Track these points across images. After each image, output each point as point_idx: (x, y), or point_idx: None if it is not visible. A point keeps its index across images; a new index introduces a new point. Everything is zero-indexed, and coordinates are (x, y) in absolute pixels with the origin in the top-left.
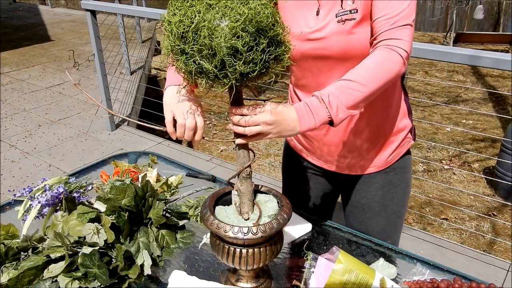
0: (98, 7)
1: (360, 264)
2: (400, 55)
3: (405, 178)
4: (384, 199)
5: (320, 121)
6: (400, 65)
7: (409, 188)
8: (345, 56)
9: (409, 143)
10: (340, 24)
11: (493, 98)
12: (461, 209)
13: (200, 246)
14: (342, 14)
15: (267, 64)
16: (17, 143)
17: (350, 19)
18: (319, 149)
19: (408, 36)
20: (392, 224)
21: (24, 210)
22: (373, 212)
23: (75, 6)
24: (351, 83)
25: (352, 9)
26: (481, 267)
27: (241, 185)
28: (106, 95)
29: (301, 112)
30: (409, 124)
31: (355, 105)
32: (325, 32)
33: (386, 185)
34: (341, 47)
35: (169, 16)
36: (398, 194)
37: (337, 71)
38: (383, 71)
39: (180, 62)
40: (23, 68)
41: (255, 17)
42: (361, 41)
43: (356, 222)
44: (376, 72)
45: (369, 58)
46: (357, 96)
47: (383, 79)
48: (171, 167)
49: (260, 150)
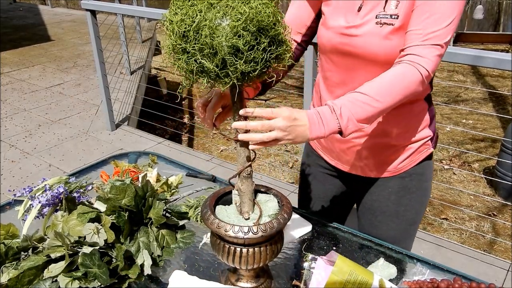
0: (98, 7)
1: (359, 266)
2: (421, 74)
3: (423, 186)
4: (397, 205)
5: (329, 131)
6: (418, 84)
7: (427, 197)
8: (373, 59)
9: (427, 151)
10: (378, 26)
11: (493, 98)
12: (461, 209)
13: (200, 246)
14: (383, 16)
15: (268, 63)
16: (17, 143)
17: (389, 24)
18: (334, 148)
19: (435, 57)
20: (404, 230)
21: (24, 210)
22: (384, 216)
23: (75, 6)
24: (365, 97)
25: (394, 14)
26: (481, 267)
27: (242, 184)
28: (106, 95)
29: (312, 120)
30: (430, 134)
31: (366, 119)
32: (361, 30)
33: (401, 191)
34: (373, 50)
35: (171, 15)
36: (413, 201)
37: (362, 72)
38: (400, 88)
39: (182, 61)
40: (23, 68)
41: (256, 16)
42: (393, 49)
43: (366, 224)
44: (392, 89)
45: (389, 72)
46: (369, 110)
47: (398, 95)
48: (171, 167)
49: (260, 150)
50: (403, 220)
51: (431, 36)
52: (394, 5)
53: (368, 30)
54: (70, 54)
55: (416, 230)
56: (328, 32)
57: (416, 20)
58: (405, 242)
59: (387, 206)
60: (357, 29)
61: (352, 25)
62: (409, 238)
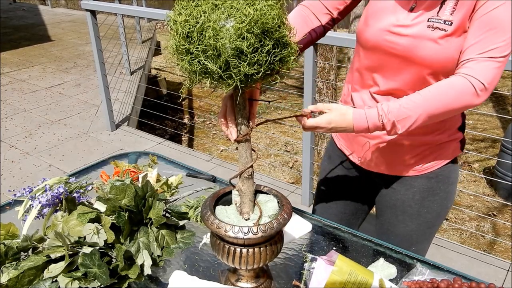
0: (98, 7)
1: (359, 266)
2: (473, 85)
3: (447, 189)
4: (420, 205)
5: (372, 124)
6: (470, 95)
7: (450, 201)
8: (415, 62)
9: (455, 152)
10: (429, 29)
11: (493, 98)
12: (461, 209)
13: (200, 246)
14: (436, 20)
15: (272, 66)
16: (17, 143)
17: (442, 29)
18: (360, 145)
19: (492, 69)
20: (421, 232)
21: (24, 210)
22: (405, 216)
23: (75, 6)
24: (409, 101)
25: (447, 21)
26: (481, 267)
27: (243, 185)
28: (106, 95)
29: (356, 113)
30: (460, 136)
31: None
32: (411, 30)
33: (426, 191)
34: (418, 52)
35: (175, 16)
36: (436, 204)
37: (399, 75)
38: (448, 97)
39: (185, 62)
40: (23, 68)
41: (261, 19)
42: (441, 55)
43: (386, 222)
44: (439, 97)
45: (439, 82)
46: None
47: (446, 105)
48: (171, 167)
49: (260, 150)
50: (423, 221)
51: (489, 49)
52: (449, 11)
53: (417, 32)
54: (70, 54)
55: (433, 234)
56: (374, 28)
57: (475, 33)
58: (422, 244)
59: (410, 206)
60: (406, 28)
61: (402, 24)
62: (426, 241)
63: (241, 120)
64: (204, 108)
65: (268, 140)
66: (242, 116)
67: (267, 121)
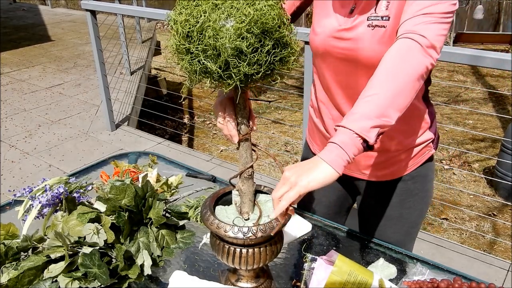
0: (98, 7)
1: (359, 266)
2: (419, 43)
3: (425, 187)
4: (401, 208)
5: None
6: (421, 55)
7: (429, 198)
8: (364, 64)
9: (429, 153)
10: (369, 29)
11: (493, 98)
12: (461, 209)
13: (200, 246)
14: (374, 18)
15: (272, 66)
16: (17, 143)
17: (381, 26)
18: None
19: (431, 24)
20: (407, 233)
21: (24, 210)
22: (388, 220)
23: (75, 6)
24: (370, 90)
25: (384, 16)
26: (481, 267)
27: (243, 185)
28: (106, 95)
29: (324, 153)
30: (432, 136)
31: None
32: (353, 33)
33: (404, 194)
34: (364, 54)
35: (176, 15)
36: (416, 203)
37: (357, 80)
38: (403, 67)
39: (185, 61)
40: (23, 68)
41: (261, 19)
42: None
43: (371, 228)
44: (395, 70)
45: (385, 57)
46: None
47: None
48: (171, 167)
49: (260, 150)
50: (406, 222)
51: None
52: (384, 6)
53: (359, 34)
54: (70, 54)
55: (417, 232)
56: (321, 35)
57: (406, 7)
58: (409, 244)
59: (391, 210)
60: (348, 32)
61: (343, 28)
62: (412, 240)
63: (241, 120)
64: (204, 108)
65: (268, 140)
66: (242, 116)
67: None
